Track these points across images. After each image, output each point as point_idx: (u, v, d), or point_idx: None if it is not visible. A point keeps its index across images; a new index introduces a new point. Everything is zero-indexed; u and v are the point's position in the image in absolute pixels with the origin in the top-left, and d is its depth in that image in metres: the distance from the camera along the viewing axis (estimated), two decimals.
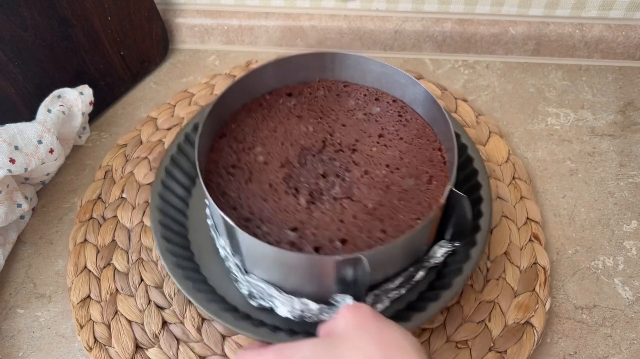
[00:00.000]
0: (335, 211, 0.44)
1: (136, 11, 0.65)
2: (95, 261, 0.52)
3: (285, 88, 0.53)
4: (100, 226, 0.55)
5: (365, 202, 0.45)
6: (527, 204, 0.55)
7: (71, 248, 0.53)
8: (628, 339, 0.48)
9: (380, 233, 0.43)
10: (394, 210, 0.44)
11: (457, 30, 0.68)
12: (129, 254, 0.53)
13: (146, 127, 0.62)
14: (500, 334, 0.47)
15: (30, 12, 0.56)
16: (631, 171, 0.59)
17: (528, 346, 0.47)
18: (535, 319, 0.48)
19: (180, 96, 0.65)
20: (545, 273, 0.51)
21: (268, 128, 0.50)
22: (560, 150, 0.60)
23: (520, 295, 0.49)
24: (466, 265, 0.45)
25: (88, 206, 0.56)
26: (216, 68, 0.70)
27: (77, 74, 0.62)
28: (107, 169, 0.59)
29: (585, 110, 0.64)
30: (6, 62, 0.56)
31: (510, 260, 0.51)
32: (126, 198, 0.56)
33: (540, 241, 0.53)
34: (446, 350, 0.46)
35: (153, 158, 0.59)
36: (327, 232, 0.43)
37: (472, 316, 0.48)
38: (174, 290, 0.50)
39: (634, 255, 0.53)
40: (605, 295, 0.51)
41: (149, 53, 0.68)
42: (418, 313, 0.43)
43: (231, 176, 0.47)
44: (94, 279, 0.51)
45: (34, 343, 0.49)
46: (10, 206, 0.51)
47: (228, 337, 0.48)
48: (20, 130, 0.51)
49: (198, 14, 0.71)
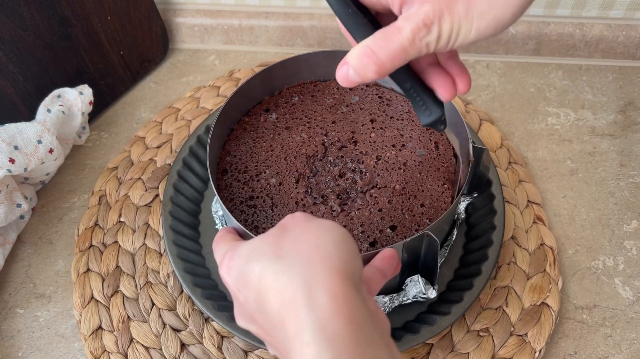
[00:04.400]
0: (369, 203, 0.45)
1: (136, 11, 0.65)
2: (102, 289, 0.51)
3: (259, 106, 0.52)
4: (101, 253, 0.53)
5: (392, 185, 0.46)
6: (526, 187, 0.56)
7: (74, 279, 0.51)
8: (628, 339, 0.48)
9: (421, 207, 0.45)
10: (420, 183, 0.46)
11: None
12: (135, 279, 0.51)
13: (135, 147, 0.60)
14: (519, 318, 0.48)
15: (30, 12, 0.56)
16: (631, 171, 0.59)
17: (547, 326, 0.48)
18: (551, 299, 0.49)
19: (166, 112, 0.63)
20: (553, 252, 0.52)
21: (264, 149, 0.49)
22: (561, 150, 0.60)
23: (533, 277, 0.50)
24: (477, 279, 0.47)
25: (86, 234, 0.54)
26: (216, 67, 0.70)
27: (76, 74, 0.62)
28: (100, 194, 0.57)
29: (586, 109, 0.64)
30: (6, 61, 0.56)
31: (518, 244, 0.53)
32: (125, 222, 0.55)
33: (544, 222, 0.54)
34: (469, 340, 0.47)
35: (147, 179, 0.57)
36: (372, 225, 0.44)
37: (489, 303, 0.49)
38: (188, 310, 0.49)
39: (635, 255, 0.53)
40: (605, 295, 0.51)
41: (148, 53, 0.68)
42: (428, 326, 0.45)
43: (254, 208, 0.46)
44: (103, 308, 0.50)
45: (33, 343, 0.49)
46: (10, 206, 0.51)
47: (250, 352, 0.47)
48: (19, 130, 0.51)
49: (198, 13, 0.70)
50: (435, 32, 0.29)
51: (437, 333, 0.44)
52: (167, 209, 0.52)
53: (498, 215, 0.50)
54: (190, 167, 0.55)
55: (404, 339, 0.44)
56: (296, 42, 0.71)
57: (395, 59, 0.30)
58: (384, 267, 0.37)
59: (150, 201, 0.56)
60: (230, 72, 0.68)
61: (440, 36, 0.30)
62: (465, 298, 0.46)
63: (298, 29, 0.70)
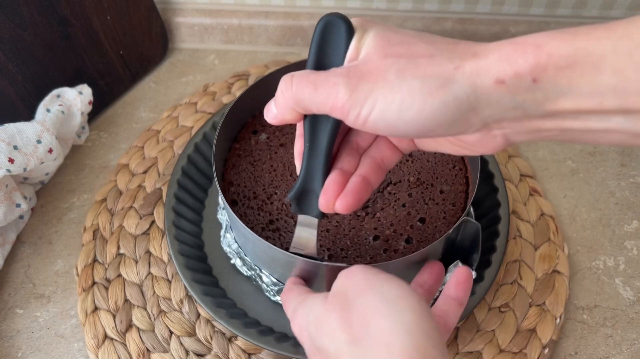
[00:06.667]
0: (390, 201, 0.45)
1: (135, 10, 0.65)
2: (114, 326, 0.48)
3: (245, 130, 0.51)
4: (106, 289, 0.51)
5: (406, 178, 0.47)
6: (516, 162, 0.58)
7: (83, 320, 0.49)
8: (629, 339, 0.48)
9: (441, 194, 0.46)
10: (431, 170, 0.47)
11: (458, 29, 0.68)
12: (147, 309, 0.49)
13: (121, 176, 0.58)
14: (535, 289, 0.50)
15: (29, 12, 0.56)
16: (632, 171, 0.58)
17: (562, 293, 0.49)
18: (560, 266, 0.51)
19: (146, 136, 0.61)
20: (554, 220, 0.54)
21: (266, 171, 0.48)
22: (561, 150, 0.60)
23: (540, 247, 0.52)
24: (487, 271, 0.47)
25: (87, 272, 0.52)
26: (216, 67, 0.70)
27: (76, 73, 0.62)
28: (93, 229, 0.54)
29: None
30: (5, 61, 0.56)
31: (520, 217, 0.54)
32: (125, 253, 0.53)
33: (540, 193, 0.56)
34: (492, 317, 0.49)
35: (140, 206, 0.56)
36: (401, 222, 0.44)
37: (504, 279, 0.51)
38: (209, 333, 0.48)
39: (635, 255, 0.53)
40: (606, 295, 0.50)
41: (148, 52, 0.68)
42: None
43: (277, 231, 0.45)
44: (120, 346, 0.48)
45: (33, 343, 0.49)
46: (9, 206, 0.51)
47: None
48: (19, 129, 0.51)
49: (198, 13, 0.70)
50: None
51: (467, 315, 0.45)
52: (171, 234, 0.50)
53: (500, 192, 0.51)
54: (186, 188, 0.54)
55: None
56: (296, 42, 0.71)
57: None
58: (459, 296, 0.35)
59: (147, 229, 0.54)
60: (205, 86, 0.66)
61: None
62: (485, 276, 0.47)
63: (298, 28, 0.69)
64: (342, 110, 0.28)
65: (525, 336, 0.47)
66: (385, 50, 0.28)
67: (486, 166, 0.53)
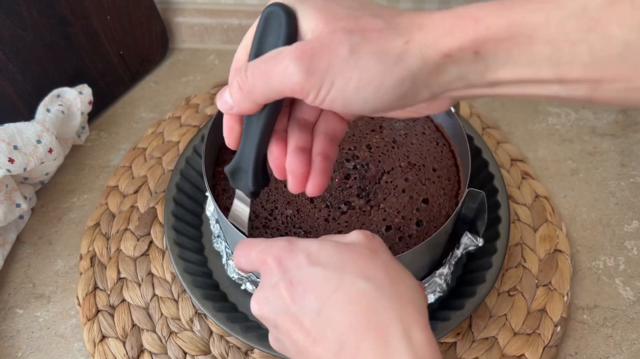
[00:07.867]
0: (389, 190, 0.45)
1: (135, 10, 0.65)
2: (125, 353, 0.47)
3: (224, 152, 0.49)
4: (112, 316, 0.49)
5: (397, 164, 0.47)
6: (505, 147, 0.59)
7: (92, 351, 0.48)
8: (629, 339, 0.48)
9: (434, 172, 0.46)
10: (418, 152, 0.48)
11: None
12: (157, 332, 0.48)
13: (112, 198, 0.57)
14: (540, 269, 0.51)
15: (29, 12, 0.56)
16: (632, 171, 0.58)
17: (566, 271, 0.51)
18: (561, 244, 0.52)
19: (132, 155, 0.60)
20: (549, 201, 0.55)
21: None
22: (561, 150, 0.60)
23: (539, 228, 0.53)
24: (489, 272, 0.47)
25: (89, 300, 0.50)
26: (216, 67, 0.70)
27: (76, 73, 0.62)
28: (90, 255, 0.53)
29: (586, 109, 0.64)
30: (5, 61, 0.56)
31: (516, 201, 0.55)
32: (126, 277, 0.52)
33: (532, 176, 0.57)
34: (502, 302, 0.49)
35: (135, 227, 0.54)
36: (407, 207, 0.45)
37: (509, 263, 0.51)
38: (224, 349, 0.47)
39: (635, 255, 0.53)
40: (606, 295, 0.50)
41: (148, 52, 0.68)
42: (470, 298, 0.46)
43: None
44: None
45: (33, 343, 0.49)
46: (9, 206, 0.51)
47: None
48: (19, 129, 0.51)
49: (197, 13, 0.70)
50: None
51: (479, 303, 0.46)
52: (175, 253, 0.49)
53: (496, 178, 0.52)
54: (183, 205, 0.53)
55: (453, 317, 0.45)
56: None
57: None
58: None
59: (146, 250, 0.53)
60: (187, 99, 0.65)
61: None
62: (493, 262, 0.47)
63: None
64: (301, 92, 0.28)
65: (537, 317, 0.48)
66: (333, 24, 0.28)
67: (479, 154, 0.53)
